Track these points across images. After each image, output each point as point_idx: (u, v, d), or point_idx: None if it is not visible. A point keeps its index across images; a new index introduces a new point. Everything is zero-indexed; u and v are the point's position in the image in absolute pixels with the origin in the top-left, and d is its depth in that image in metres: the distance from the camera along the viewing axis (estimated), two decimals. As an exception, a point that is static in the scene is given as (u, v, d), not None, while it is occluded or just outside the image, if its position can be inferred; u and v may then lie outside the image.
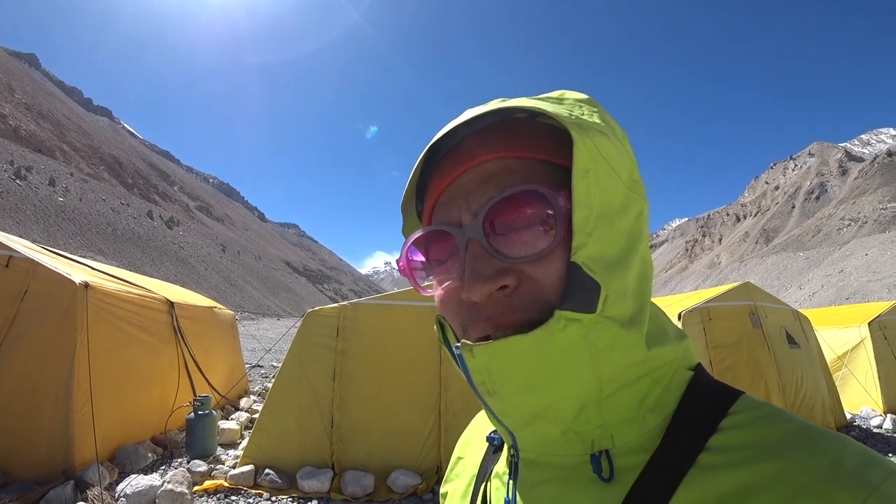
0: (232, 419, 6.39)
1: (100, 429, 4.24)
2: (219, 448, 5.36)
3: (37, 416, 4.08)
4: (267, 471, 4.41)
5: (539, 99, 0.47)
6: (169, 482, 3.97)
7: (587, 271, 0.40)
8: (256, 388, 9.10)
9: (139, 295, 5.49)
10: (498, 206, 0.43)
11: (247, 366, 9.64)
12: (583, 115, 0.44)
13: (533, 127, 0.46)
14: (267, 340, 20.44)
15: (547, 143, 0.45)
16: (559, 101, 0.47)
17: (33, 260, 4.51)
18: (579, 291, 0.40)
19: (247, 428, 6.27)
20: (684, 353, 0.47)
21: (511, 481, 0.49)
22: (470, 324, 0.44)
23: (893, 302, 9.33)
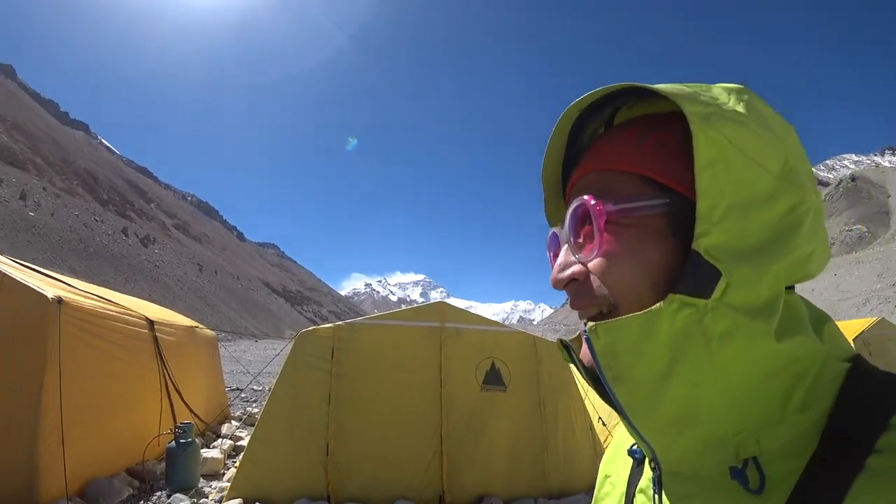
0: (214, 447, 5.96)
1: (70, 460, 3.84)
2: (201, 480, 4.96)
3: (-2, 446, 3.68)
4: (257, 504, 4.07)
5: (684, 85, 0.46)
6: (147, 520, 3.61)
7: (707, 258, 0.39)
8: (237, 413, 8.63)
9: (117, 312, 5.13)
10: (574, 211, 0.48)
11: (227, 389, 9.17)
12: (721, 102, 0.43)
13: (654, 139, 0.46)
14: (245, 362, 19.67)
15: (659, 154, 0.45)
16: (696, 91, 0.44)
17: (1, 272, 4.15)
18: (695, 277, 0.39)
19: (230, 456, 5.86)
20: (833, 343, 0.42)
21: (656, 496, 0.47)
22: (571, 302, 0.48)
23: (876, 318, 9.46)
